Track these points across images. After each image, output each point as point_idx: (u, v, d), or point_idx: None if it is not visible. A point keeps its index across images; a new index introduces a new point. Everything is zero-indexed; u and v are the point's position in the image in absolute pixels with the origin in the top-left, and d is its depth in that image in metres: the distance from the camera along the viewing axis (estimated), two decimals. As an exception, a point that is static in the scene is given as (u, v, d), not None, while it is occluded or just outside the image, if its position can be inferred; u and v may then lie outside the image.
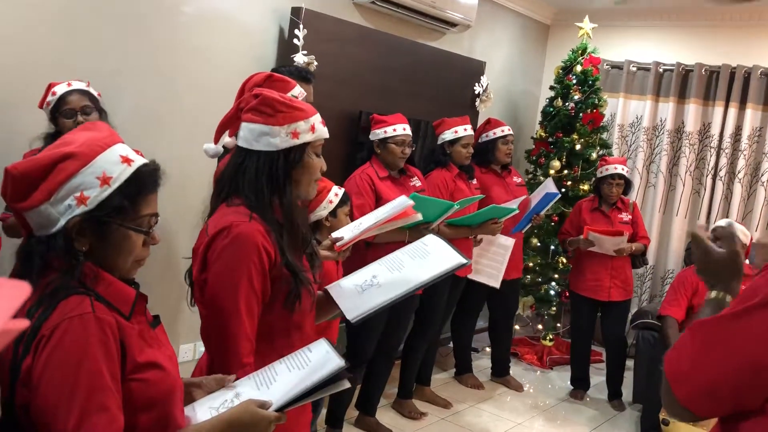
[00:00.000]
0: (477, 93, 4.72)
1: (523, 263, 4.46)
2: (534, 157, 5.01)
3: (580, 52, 4.90)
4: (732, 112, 4.94)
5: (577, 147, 4.80)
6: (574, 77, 4.86)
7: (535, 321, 5.19)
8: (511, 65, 5.41)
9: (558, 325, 5.08)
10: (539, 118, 5.16)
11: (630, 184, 4.32)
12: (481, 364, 4.70)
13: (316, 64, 3.39)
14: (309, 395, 1.30)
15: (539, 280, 4.87)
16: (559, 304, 4.94)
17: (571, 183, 4.82)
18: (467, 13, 4.36)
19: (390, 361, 3.58)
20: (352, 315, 1.60)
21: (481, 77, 4.74)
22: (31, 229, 1.21)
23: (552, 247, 4.78)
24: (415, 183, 3.50)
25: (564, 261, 4.76)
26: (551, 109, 4.93)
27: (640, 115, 5.31)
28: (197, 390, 1.42)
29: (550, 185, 4.14)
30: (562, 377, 4.67)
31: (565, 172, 4.84)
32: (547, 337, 4.95)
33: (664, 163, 5.20)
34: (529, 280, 4.84)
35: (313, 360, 1.36)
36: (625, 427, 4.05)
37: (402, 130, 3.36)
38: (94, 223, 1.19)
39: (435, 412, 3.92)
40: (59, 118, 2.45)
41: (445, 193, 3.66)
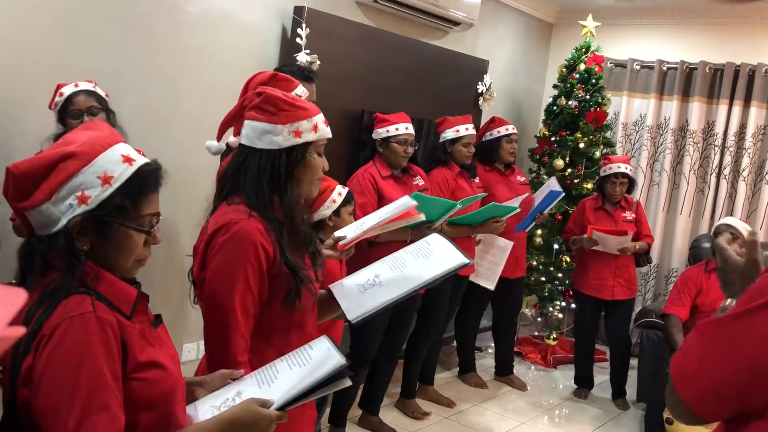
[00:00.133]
0: (480, 92, 4.71)
1: (526, 262, 4.45)
2: (537, 156, 5.00)
3: (584, 50, 4.89)
4: (736, 110, 4.92)
5: (581, 145, 4.79)
6: (578, 76, 4.85)
7: (538, 320, 5.19)
8: (515, 64, 5.40)
9: (562, 323, 5.07)
10: (543, 116, 5.14)
11: (633, 182, 4.31)
12: (485, 363, 4.70)
13: (318, 63, 3.39)
14: (310, 393, 1.30)
15: (543, 279, 4.86)
16: (562, 303, 4.93)
17: (574, 182, 4.81)
18: (470, 11, 4.36)
19: (393, 361, 3.58)
20: (353, 315, 1.60)
21: (484, 76, 4.73)
22: (33, 229, 1.21)
23: (556, 246, 4.77)
24: (418, 182, 3.50)
25: (568, 260, 4.75)
26: (555, 107, 4.92)
27: (643, 114, 5.30)
28: (199, 389, 1.42)
29: (554, 184, 4.13)
30: (565, 376, 4.67)
31: (569, 170, 4.83)
32: (551, 336, 4.94)
33: (668, 162, 5.18)
34: (532, 279, 4.83)
35: (314, 358, 1.36)
36: (629, 426, 4.04)
37: (405, 129, 3.35)
38: (96, 223, 1.19)
39: (438, 411, 3.92)
40: (66, 119, 2.45)
41: (446, 192, 3.65)
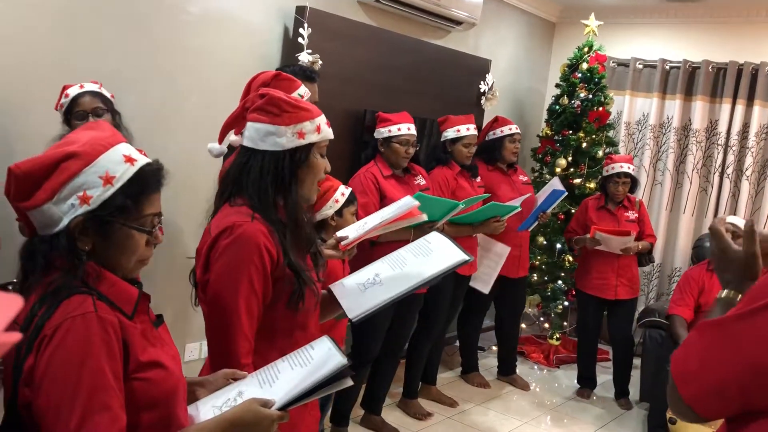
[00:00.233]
0: (482, 91, 4.70)
1: (529, 262, 4.45)
2: (540, 155, 4.99)
3: (586, 49, 4.88)
4: (739, 109, 4.91)
5: (584, 145, 4.79)
6: (580, 75, 4.84)
7: (541, 320, 5.18)
8: (517, 63, 5.39)
9: (564, 323, 5.06)
10: (545, 116, 5.14)
11: (636, 182, 4.31)
12: (488, 362, 4.69)
13: (320, 63, 3.38)
14: (312, 393, 1.30)
15: (546, 278, 4.85)
16: (565, 303, 4.93)
17: (577, 181, 4.80)
18: (472, 11, 4.35)
19: (395, 360, 3.57)
20: (354, 314, 1.60)
21: (487, 75, 4.72)
22: (34, 229, 1.21)
23: (558, 246, 4.76)
24: (420, 181, 3.49)
25: (570, 259, 4.74)
26: (557, 107, 4.91)
27: (646, 113, 5.28)
28: (201, 389, 1.43)
29: (557, 183, 4.13)
30: (568, 376, 4.66)
31: (572, 170, 4.82)
32: (554, 336, 4.94)
33: (671, 161, 5.17)
34: (535, 278, 4.82)
35: (316, 357, 1.36)
36: (632, 425, 4.03)
37: (407, 130, 3.33)
38: (97, 223, 1.19)
39: (441, 411, 3.92)
40: (72, 120, 2.46)
41: (447, 191, 3.64)
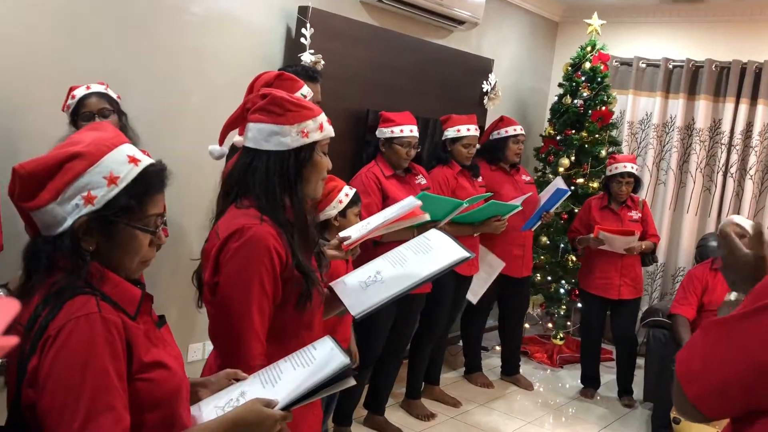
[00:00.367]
0: (485, 91, 4.70)
1: (532, 261, 4.44)
2: (543, 155, 4.99)
3: (589, 48, 4.87)
4: (743, 108, 4.89)
5: (586, 144, 4.78)
6: (583, 74, 4.83)
7: (545, 319, 5.17)
8: (520, 63, 5.38)
9: (568, 323, 5.05)
10: (548, 115, 5.13)
11: (640, 182, 4.30)
12: (491, 362, 4.69)
13: (323, 62, 3.39)
14: (314, 393, 1.30)
15: (549, 278, 4.85)
16: (568, 303, 4.92)
17: (580, 181, 4.79)
18: (475, 10, 4.35)
19: (398, 360, 3.57)
20: (356, 311, 1.61)
21: (489, 75, 4.72)
22: (38, 229, 1.21)
23: (561, 246, 4.75)
24: (420, 181, 3.48)
25: (574, 259, 4.74)
26: (560, 106, 4.90)
27: (649, 112, 5.28)
28: (203, 389, 1.43)
29: (560, 183, 4.12)
30: (572, 376, 4.65)
31: (575, 169, 4.81)
32: (558, 336, 4.93)
33: (675, 160, 5.16)
34: (538, 278, 4.82)
35: (318, 357, 1.36)
36: (636, 425, 4.02)
37: (409, 131, 3.32)
38: (101, 223, 1.19)
39: (444, 411, 3.91)
40: (78, 121, 2.46)
41: (447, 191, 3.63)
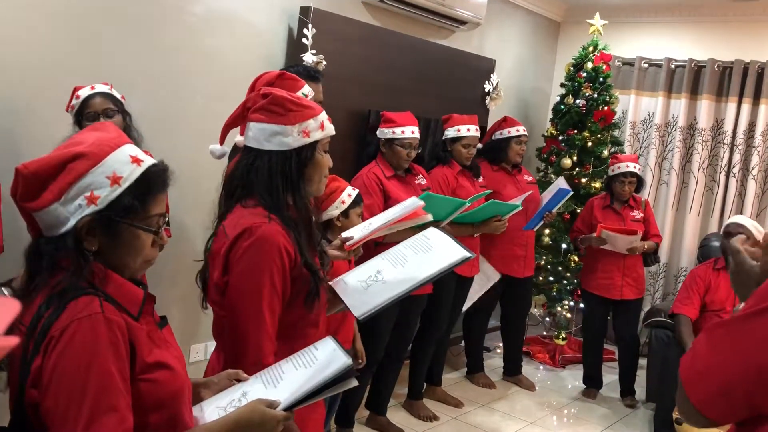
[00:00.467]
0: (487, 91, 4.70)
1: (535, 262, 4.44)
2: (545, 155, 4.98)
3: (591, 48, 4.87)
4: (745, 108, 4.88)
5: (589, 144, 4.77)
6: (585, 74, 4.83)
7: (547, 320, 5.17)
8: (522, 63, 5.38)
9: (570, 323, 5.05)
10: (550, 115, 5.13)
11: (642, 181, 4.29)
12: (493, 363, 4.69)
13: (324, 63, 3.39)
14: (317, 394, 1.30)
15: (551, 278, 4.84)
16: (571, 303, 4.91)
17: (582, 181, 4.79)
18: (477, 10, 4.34)
19: (399, 361, 3.56)
20: (359, 312, 1.60)
21: (491, 75, 4.71)
22: (39, 230, 1.21)
23: (564, 246, 4.75)
24: (420, 181, 3.48)
25: (576, 259, 4.73)
26: (562, 106, 4.90)
27: (651, 112, 5.27)
28: (205, 390, 1.43)
29: (562, 183, 4.12)
30: (574, 376, 4.65)
31: (577, 169, 4.81)
32: (560, 336, 4.93)
33: (677, 160, 5.15)
34: (541, 278, 4.81)
35: (320, 358, 1.36)
36: (638, 425, 4.02)
37: (410, 133, 3.31)
38: (104, 223, 1.19)
39: (446, 411, 3.91)
40: (82, 121, 2.46)
41: (447, 191, 3.62)
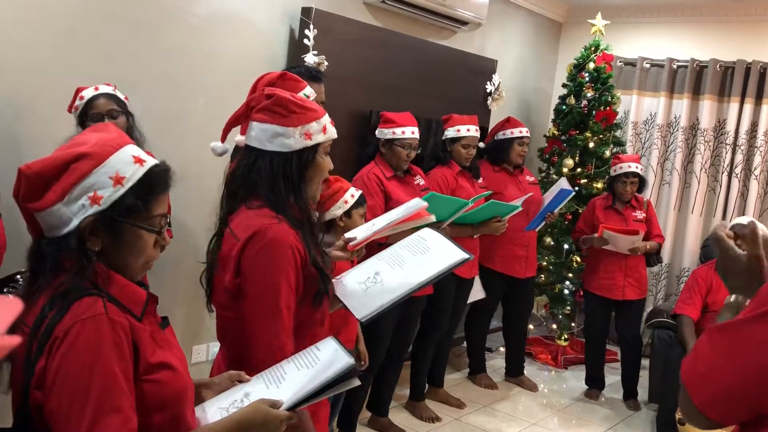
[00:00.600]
0: (489, 91, 4.70)
1: (537, 262, 4.43)
2: (547, 156, 4.98)
3: (593, 49, 4.87)
4: (748, 108, 4.88)
5: (591, 145, 4.77)
6: (587, 75, 4.83)
7: (549, 320, 5.16)
8: (523, 63, 5.38)
9: (572, 324, 5.04)
10: (552, 116, 5.12)
11: (644, 182, 4.28)
12: (495, 363, 4.68)
13: (326, 64, 3.38)
14: (319, 394, 1.31)
15: (553, 279, 4.84)
16: (573, 304, 4.91)
17: (584, 181, 4.78)
18: (478, 11, 4.34)
19: (399, 361, 3.55)
20: (362, 314, 1.60)
21: (493, 75, 4.71)
22: (40, 230, 1.21)
23: (566, 246, 4.74)
24: (419, 181, 3.47)
25: (578, 260, 4.72)
26: (564, 107, 4.89)
27: (653, 112, 5.26)
28: (206, 390, 1.43)
29: (564, 183, 4.12)
30: (576, 377, 4.64)
31: (579, 170, 4.80)
32: (562, 337, 4.92)
33: (679, 161, 5.15)
34: (543, 279, 4.81)
35: (323, 358, 1.37)
36: (641, 426, 4.01)
37: (411, 133, 3.30)
38: (107, 223, 1.19)
39: (448, 412, 3.91)
40: (87, 122, 2.45)
41: (446, 191, 3.60)
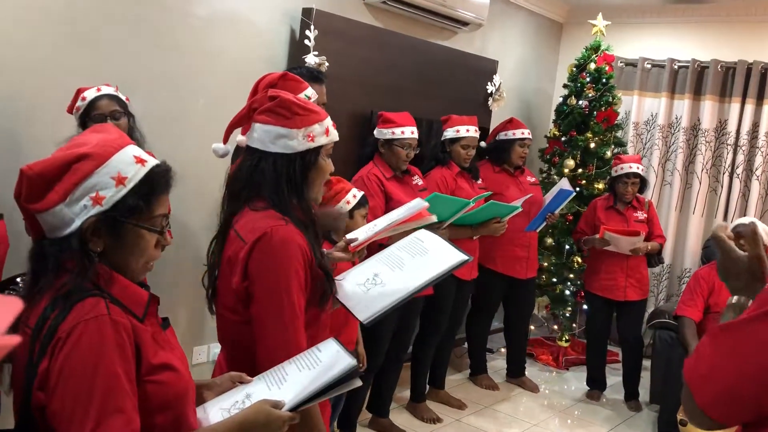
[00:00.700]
0: (490, 92, 4.69)
1: (538, 263, 4.43)
2: (548, 156, 4.98)
3: (594, 49, 4.86)
4: (749, 108, 4.87)
5: (592, 145, 4.76)
6: (588, 75, 4.82)
7: (550, 321, 5.16)
8: (524, 64, 5.38)
9: (574, 325, 5.04)
10: (553, 116, 5.12)
11: (645, 182, 4.28)
12: (497, 364, 4.68)
13: (327, 64, 3.38)
14: (321, 394, 1.31)
15: (554, 280, 4.83)
16: (574, 304, 4.90)
17: (585, 182, 4.78)
18: (479, 11, 4.34)
19: (399, 361, 3.54)
20: (364, 316, 1.61)
21: (494, 76, 4.71)
22: (41, 231, 1.20)
23: (567, 247, 4.74)
24: (417, 181, 3.47)
25: (579, 261, 4.72)
26: (565, 107, 4.89)
27: (655, 113, 5.26)
28: (207, 391, 1.43)
29: (565, 183, 4.11)
30: (578, 378, 4.63)
31: (580, 170, 4.80)
32: (563, 338, 4.91)
33: (680, 161, 5.14)
34: (544, 280, 4.80)
35: (324, 360, 1.37)
36: (642, 427, 4.01)
37: (410, 133, 3.30)
38: (109, 224, 1.19)
39: (449, 413, 3.90)
40: (89, 122, 2.44)
41: (445, 192, 3.58)
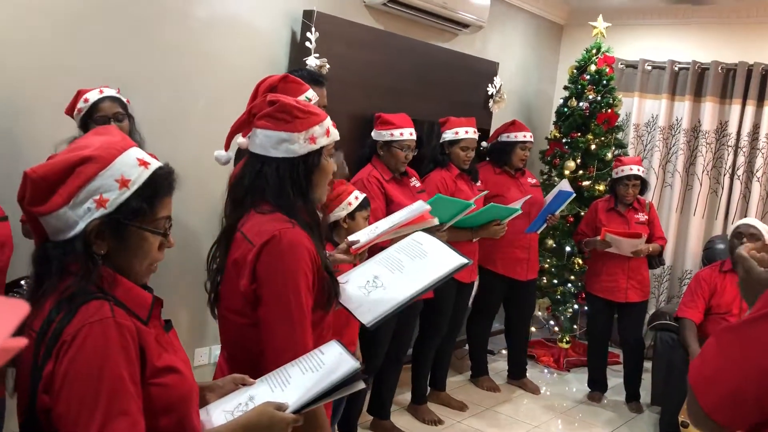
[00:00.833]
0: (490, 94, 4.70)
1: (538, 264, 4.43)
2: (549, 158, 4.98)
3: (594, 51, 4.87)
4: (749, 110, 4.87)
5: (592, 147, 4.77)
6: (589, 77, 4.83)
7: (551, 323, 5.16)
8: (525, 66, 5.38)
9: (575, 326, 5.04)
10: (553, 118, 5.12)
11: (646, 184, 4.28)
12: (497, 366, 4.68)
13: (328, 66, 3.39)
14: (324, 397, 1.31)
15: (555, 281, 4.83)
16: (575, 306, 4.91)
17: (586, 183, 4.78)
18: (479, 14, 4.35)
19: (398, 364, 3.54)
20: (367, 319, 1.61)
21: (494, 78, 4.71)
22: (44, 234, 1.20)
23: (568, 249, 4.74)
24: (415, 183, 3.47)
25: (580, 262, 4.72)
26: (566, 109, 4.89)
27: (655, 115, 5.26)
28: (210, 394, 1.43)
29: (565, 185, 4.11)
30: (579, 379, 4.63)
31: (580, 172, 4.80)
32: (564, 339, 4.91)
33: (681, 163, 5.14)
34: (545, 281, 4.80)
35: (327, 362, 1.38)
36: (644, 429, 4.00)
37: (409, 135, 3.30)
38: (113, 226, 1.19)
39: (450, 415, 3.90)
40: (91, 125, 2.44)
41: (445, 194, 3.60)
